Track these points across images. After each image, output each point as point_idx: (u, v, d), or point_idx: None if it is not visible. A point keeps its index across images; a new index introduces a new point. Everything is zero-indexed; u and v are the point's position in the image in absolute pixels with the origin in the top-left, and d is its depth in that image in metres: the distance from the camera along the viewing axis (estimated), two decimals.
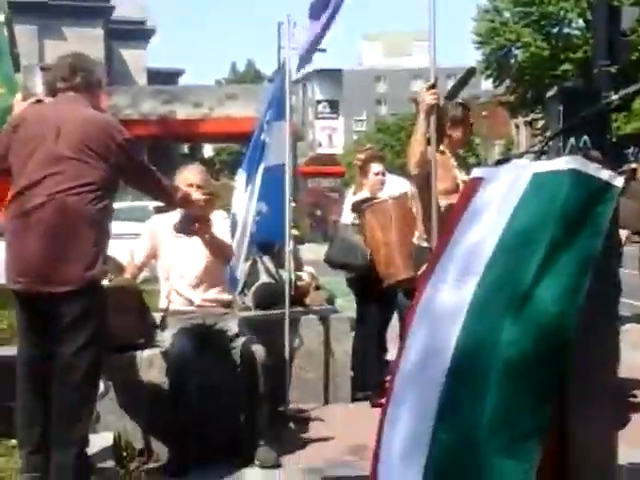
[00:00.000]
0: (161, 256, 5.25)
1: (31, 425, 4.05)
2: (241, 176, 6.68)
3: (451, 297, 2.35)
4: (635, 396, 6.20)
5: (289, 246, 6.27)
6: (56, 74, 4.25)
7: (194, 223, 4.75)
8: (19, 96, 5.14)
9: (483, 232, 2.38)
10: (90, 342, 3.91)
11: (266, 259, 6.73)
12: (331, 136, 56.81)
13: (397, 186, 6.20)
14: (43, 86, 4.83)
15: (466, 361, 2.20)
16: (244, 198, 6.49)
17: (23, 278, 3.93)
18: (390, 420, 2.47)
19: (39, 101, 4.51)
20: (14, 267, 3.98)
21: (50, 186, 3.86)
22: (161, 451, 4.89)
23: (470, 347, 2.20)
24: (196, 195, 4.78)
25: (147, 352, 5.13)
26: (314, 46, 5.96)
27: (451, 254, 2.51)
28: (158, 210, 5.28)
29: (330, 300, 6.97)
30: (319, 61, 34.08)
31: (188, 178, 5.10)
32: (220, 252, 5.12)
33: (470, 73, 4.82)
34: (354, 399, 6.32)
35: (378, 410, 2.55)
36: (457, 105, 5.12)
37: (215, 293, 5.26)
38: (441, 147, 4.89)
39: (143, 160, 4.18)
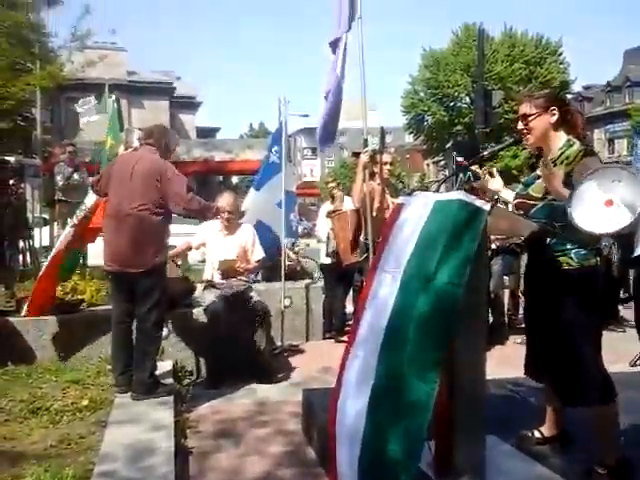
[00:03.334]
0: (208, 246, 5.22)
1: (119, 356, 4.02)
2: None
3: (388, 283, 2.34)
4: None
5: (284, 240, 6.23)
6: (141, 134, 4.30)
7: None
8: (122, 147, 5.17)
9: (405, 239, 2.39)
10: (156, 304, 3.87)
11: None
12: (312, 170, 57.03)
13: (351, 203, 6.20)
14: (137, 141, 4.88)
15: (396, 320, 2.21)
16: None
17: (113, 263, 3.90)
18: (350, 361, 2.45)
19: (135, 149, 4.52)
20: (107, 255, 3.95)
21: (129, 205, 3.83)
22: (203, 372, 4.88)
23: (398, 311, 2.22)
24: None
25: (195, 309, 5.11)
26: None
27: (388, 252, 2.51)
28: None
29: (310, 276, 6.99)
30: (304, 121, 33.97)
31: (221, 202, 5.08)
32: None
33: (382, 130, 4.86)
34: (324, 338, 6.32)
35: (340, 345, 2.55)
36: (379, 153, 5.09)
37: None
38: (377, 181, 4.91)
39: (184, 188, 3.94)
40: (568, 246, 2.65)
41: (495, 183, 3.02)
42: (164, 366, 4.52)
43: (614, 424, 2.64)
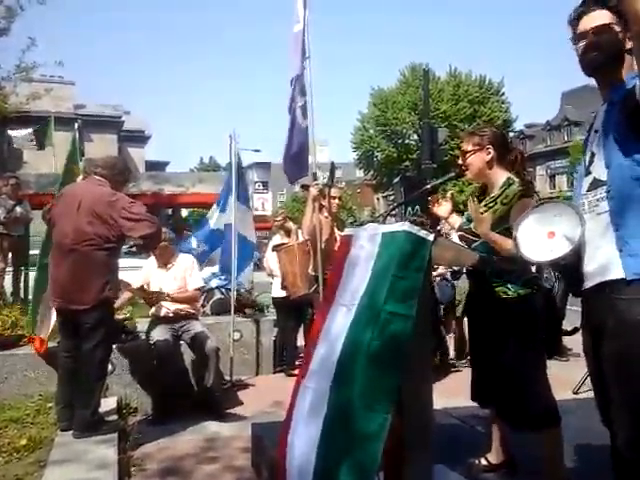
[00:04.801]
0: (152, 282, 5.11)
1: (64, 390, 3.90)
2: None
3: (343, 317, 2.36)
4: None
5: (234, 275, 6.20)
6: (97, 164, 4.11)
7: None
8: (80, 177, 5.06)
9: (360, 273, 2.40)
10: (102, 340, 3.77)
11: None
12: (264, 204, 57.14)
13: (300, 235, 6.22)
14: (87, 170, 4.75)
15: (348, 352, 2.24)
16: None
17: (58, 299, 3.82)
18: (301, 394, 2.45)
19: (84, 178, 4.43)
20: (52, 290, 3.89)
21: (73, 239, 3.74)
22: (149, 408, 4.75)
23: (350, 343, 2.24)
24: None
25: (142, 344, 4.99)
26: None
27: (344, 287, 2.52)
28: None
29: (261, 309, 6.93)
30: (255, 156, 34.19)
31: None
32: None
33: (332, 165, 4.96)
34: (275, 371, 6.24)
35: (291, 378, 2.53)
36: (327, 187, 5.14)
37: (185, 306, 5.10)
38: (325, 214, 4.96)
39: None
40: (504, 277, 2.75)
41: (443, 209, 3.10)
42: (108, 403, 4.39)
43: (560, 447, 2.71)
